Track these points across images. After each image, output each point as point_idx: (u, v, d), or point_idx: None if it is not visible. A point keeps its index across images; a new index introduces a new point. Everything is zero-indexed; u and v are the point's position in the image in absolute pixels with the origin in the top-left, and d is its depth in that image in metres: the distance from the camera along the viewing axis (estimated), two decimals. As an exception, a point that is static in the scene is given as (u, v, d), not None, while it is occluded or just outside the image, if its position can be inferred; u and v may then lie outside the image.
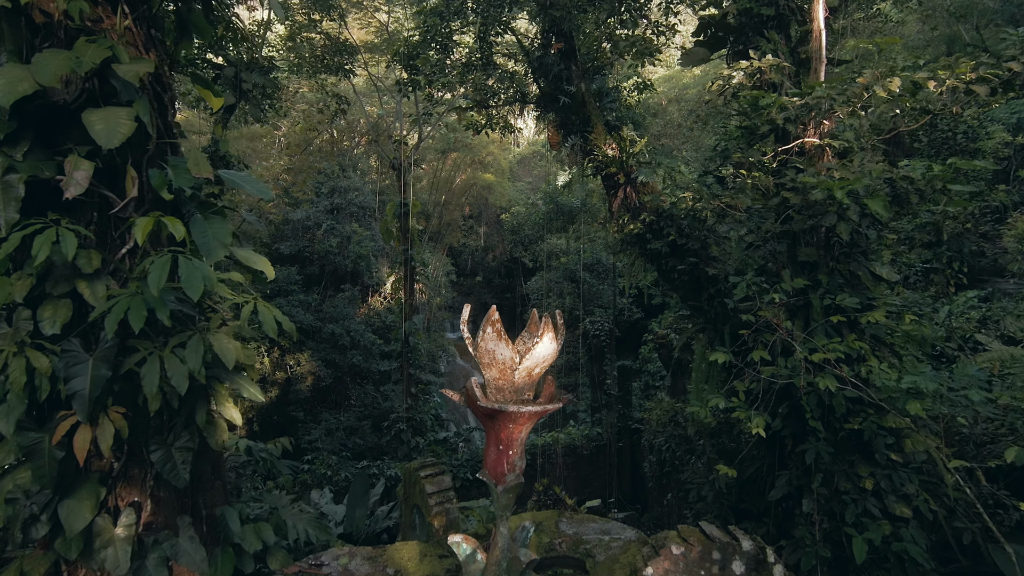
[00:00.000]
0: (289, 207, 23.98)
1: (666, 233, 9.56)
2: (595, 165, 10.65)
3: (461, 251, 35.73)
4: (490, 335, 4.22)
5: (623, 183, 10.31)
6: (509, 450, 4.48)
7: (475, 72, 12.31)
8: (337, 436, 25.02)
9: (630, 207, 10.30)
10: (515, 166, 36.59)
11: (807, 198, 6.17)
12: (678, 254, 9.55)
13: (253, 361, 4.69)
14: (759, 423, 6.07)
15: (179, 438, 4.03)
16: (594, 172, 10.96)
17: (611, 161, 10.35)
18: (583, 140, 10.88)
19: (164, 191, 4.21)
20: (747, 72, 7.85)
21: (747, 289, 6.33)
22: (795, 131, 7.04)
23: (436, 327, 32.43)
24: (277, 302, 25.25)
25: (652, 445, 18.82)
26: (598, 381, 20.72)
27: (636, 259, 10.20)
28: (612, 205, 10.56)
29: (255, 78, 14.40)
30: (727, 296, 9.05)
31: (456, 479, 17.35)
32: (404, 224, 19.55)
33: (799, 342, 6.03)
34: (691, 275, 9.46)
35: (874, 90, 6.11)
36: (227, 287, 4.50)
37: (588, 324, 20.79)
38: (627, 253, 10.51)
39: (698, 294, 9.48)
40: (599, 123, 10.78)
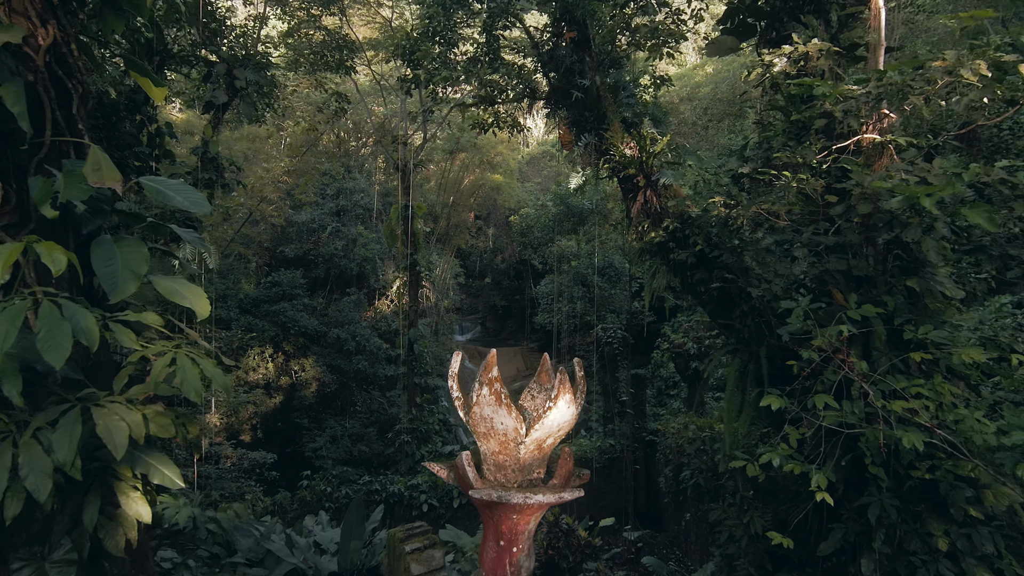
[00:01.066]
0: (292, 210, 22.93)
1: (692, 242, 8.36)
2: (611, 166, 9.46)
3: (470, 253, 34.59)
4: (487, 398, 3.07)
5: (643, 186, 9.12)
6: (513, 547, 3.31)
7: (480, 66, 11.16)
8: (342, 443, 23.97)
9: (651, 212, 9.11)
10: (524, 166, 35.38)
11: (879, 206, 4.96)
12: (706, 266, 8.35)
13: (171, 433, 3.57)
14: (821, 480, 4.89)
15: (57, 547, 2.92)
16: (610, 174, 9.77)
17: (629, 162, 9.16)
18: (598, 139, 9.69)
19: (46, 206, 3.06)
20: (792, 58, 6.64)
21: (803, 319, 5.13)
22: (853, 126, 5.83)
23: (444, 330, 31.34)
24: (281, 306, 24.26)
25: (668, 459, 17.61)
26: (611, 390, 19.52)
27: (657, 270, 9.00)
28: (631, 210, 9.37)
29: (249, 75, 13.32)
30: (762, 315, 7.84)
31: (463, 495, 16.23)
32: (408, 227, 18.43)
33: (870, 383, 4.83)
34: (721, 290, 8.26)
35: (960, 74, 4.91)
36: (130, 333, 3.34)
37: (600, 331, 19.59)
38: (647, 263, 9.32)
39: (728, 311, 8.28)
40: (616, 120, 9.58)
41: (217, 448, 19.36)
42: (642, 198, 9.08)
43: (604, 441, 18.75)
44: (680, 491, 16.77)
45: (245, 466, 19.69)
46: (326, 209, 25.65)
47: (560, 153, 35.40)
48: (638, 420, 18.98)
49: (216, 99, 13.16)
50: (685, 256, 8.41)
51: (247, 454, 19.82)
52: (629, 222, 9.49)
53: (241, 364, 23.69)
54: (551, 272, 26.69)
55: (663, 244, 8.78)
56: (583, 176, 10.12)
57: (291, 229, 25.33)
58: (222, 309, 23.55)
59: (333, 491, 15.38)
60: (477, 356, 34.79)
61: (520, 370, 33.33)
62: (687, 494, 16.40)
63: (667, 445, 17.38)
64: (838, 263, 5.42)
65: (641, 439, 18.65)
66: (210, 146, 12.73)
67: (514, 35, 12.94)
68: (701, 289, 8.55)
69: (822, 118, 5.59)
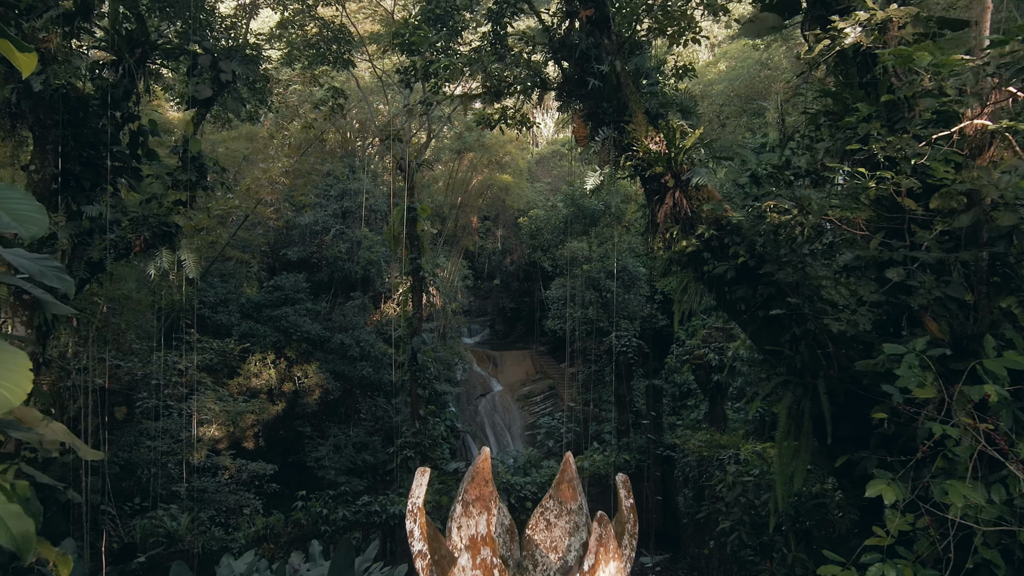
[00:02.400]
0: (292, 213, 21.63)
1: (733, 254, 6.92)
2: (634, 163, 8.03)
3: (478, 254, 33.21)
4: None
5: (672, 187, 7.68)
6: None
7: (485, 54, 9.74)
8: (346, 453, 22.70)
9: (681, 217, 7.67)
10: (533, 166, 33.92)
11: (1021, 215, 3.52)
12: (749, 282, 6.91)
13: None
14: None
15: None
16: (632, 173, 8.34)
17: (656, 158, 7.72)
18: (618, 132, 8.26)
19: None
20: (868, 27, 5.19)
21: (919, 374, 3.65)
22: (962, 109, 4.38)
23: (452, 333, 30.01)
24: (284, 311, 23.03)
25: (687, 477, 16.15)
26: (626, 401, 18.09)
27: (689, 284, 7.57)
28: (657, 215, 7.94)
29: (236, 67, 12.00)
30: (819, 342, 6.39)
31: (468, 516, 14.87)
32: (411, 230, 17.07)
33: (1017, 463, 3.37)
34: (767, 309, 6.81)
35: None
36: None
37: (614, 339, 18.15)
38: (676, 276, 7.89)
39: (776, 335, 6.83)
40: (639, 110, 8.14)
41: (214, 459, 18.10)
42: (671, 200, 7.64)
43: (618, 456, 17.32)
44: (699, 509, 15.32)
45: (244, 478, 18.44)
46: (330, 211, 24.36)
47: (571, 152, 33.89)
48: (654, 433, 17.54)
49: (199, 93, 11.85)
50: (723, 269, 6.97)
51: (246, 465, 18.57)
52: (654, 228, 8.06)
53: (242, 370, 22.48)
54: (561, 274, 25.25)
55: (696, 254, 7.34)
56: (600, 176, 8.67)
57: (294, 231, 24.08)
58: (223, 314, 22.33)
59: (330, 513, 14.07)
60: (486, 359, 33.39)
61: (529, 374, 31.92)
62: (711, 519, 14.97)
63: (687, 463, 15.93)
64: (955, 288, 3.96)
65: (658, 454, 17.21)
66: (191, 144, 11.41)
67: (521, 27, 11.55)
68: (741, 308, 7.10)
69: (928, 97, 4.14)
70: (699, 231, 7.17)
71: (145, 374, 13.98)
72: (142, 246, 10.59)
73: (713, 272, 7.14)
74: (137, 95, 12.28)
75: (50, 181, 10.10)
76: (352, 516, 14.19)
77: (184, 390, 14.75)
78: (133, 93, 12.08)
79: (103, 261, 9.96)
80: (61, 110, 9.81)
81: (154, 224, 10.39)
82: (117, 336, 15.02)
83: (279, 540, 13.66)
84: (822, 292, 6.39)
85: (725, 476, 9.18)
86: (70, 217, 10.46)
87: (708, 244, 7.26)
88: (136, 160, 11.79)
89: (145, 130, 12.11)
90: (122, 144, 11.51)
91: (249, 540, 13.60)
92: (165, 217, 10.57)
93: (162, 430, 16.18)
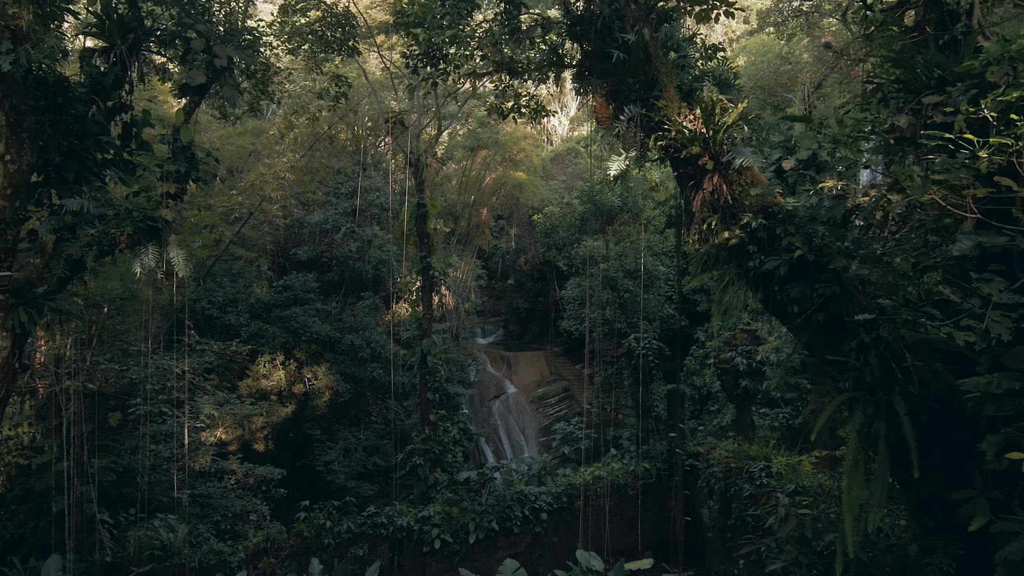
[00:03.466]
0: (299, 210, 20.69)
1: (786, 246, 5.77)
2: (665, 144, 6.90)
3: (492, 254, 32.12)
4: None
5: (710, 170, 6.54)
6: None
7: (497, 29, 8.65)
8: (356, 456, 21.75)
9: (720, 205, 6.53)
10: (548, 164, 32.75)
11: None
12: (805, 279, 5.76)
13: None
14: None
15: None
16: (662, 156, 7.22)
17: (691, 138, 6.59)
18: (646, 109, 7.13)
19: None
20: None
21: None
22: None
23: (466, 334, 28.97)
24: (293, 311, 22.14)
25: (712, 488, 14.95)
26: (645, 407, 16.91)
27: (731, 282, 6.42)
28: (692, 202, 6.80)
29: (231, 52, 11.05)
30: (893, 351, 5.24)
31: (480, 528, 13.82)
32: (421, 228, 16.04)
33: None
34: (828, 312, 5.66)
35: None
36: None
37: (633, 341, 16.98)
38: (713, 273, 6.75)
39: (836, 342, 5.67)
40: (671, 84, 7.01)
41: (220, 464, 17.21)
42: (709, 186, 6.50)
43: (637, 465, 16.15)
44: (726, 526, 14.13)
45: (251, 483, 17.53)
46: (340, 209, 23.42)
47: (587, 150, 32.71)
48: (676, 440, 16.34)
49: (192, 80, 10.91)
50: (774, 265, 5.81)
51: (253, 470, 17.66)
52: (688, 219, 6.92)
53: (251, 372, 21.62)
54: (576, 274, 24.10)
55: (739, 248, 6.19)
56: (626, 160, 7.52)
57: (303, 230, 23.17)
58: (232, 314, 21.49)
59: (334, 525, 13.08)
60: (499, 360, 32.29)
61: (544, 375, 30.77)
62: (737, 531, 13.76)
63: (712, 473, 14.74)
64: None
65: (680, 462, 16.01)
66: (182, 133, 10.47)
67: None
68: (793, 310, 5.94)
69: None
70: (744, 220, 6.03)
71: (141, 377, 13.09)
72: (127, 242, 9.65)
73: (761, 268, 6.00)
74: (131, 84, 11.38)
75: (28, 172, 9.19)
76: (357, 528, 13.19)
77: (179, 395, 13.84)
78: (125, 82, 11.18)
79: (84, 259, 9.03)
80: (37, 94, 8.88)
81: (138, 219, 9.43)
82: (115, 338, 14.16)
83: (280, 554, 12.69)
84: (900, 291, 5.22)
85: (776, 508, 7.95)
86: (53, 211, 9.57)
87: (754, 235, 6.12)
88: (128, 152, 10.89)
89: (138, 121, 11.18)
90: (112, 135, 10.59)
91: (249, 553, 12.66)
92: (152, 211, 9.61)
93: (164, 435, 15.32)
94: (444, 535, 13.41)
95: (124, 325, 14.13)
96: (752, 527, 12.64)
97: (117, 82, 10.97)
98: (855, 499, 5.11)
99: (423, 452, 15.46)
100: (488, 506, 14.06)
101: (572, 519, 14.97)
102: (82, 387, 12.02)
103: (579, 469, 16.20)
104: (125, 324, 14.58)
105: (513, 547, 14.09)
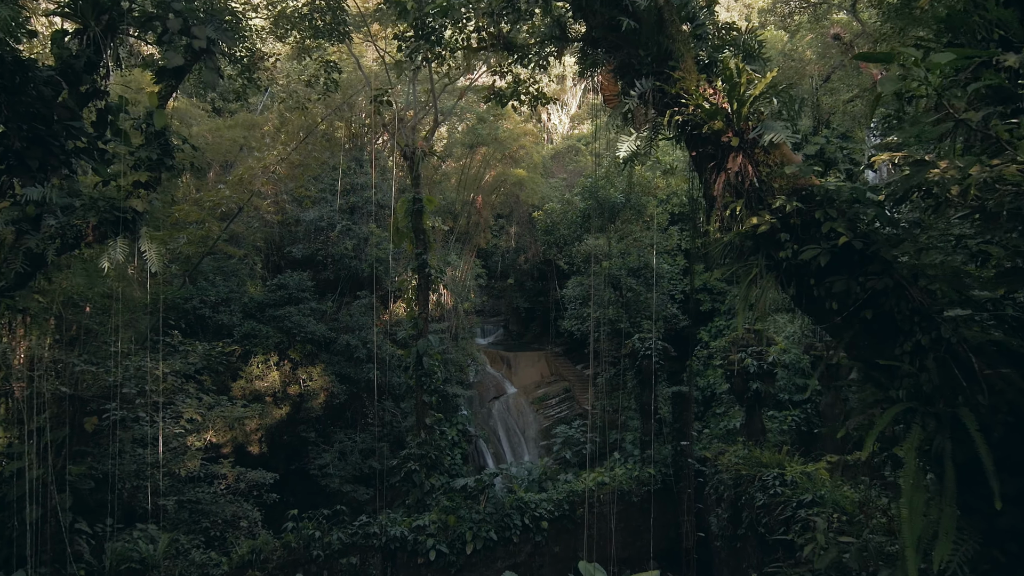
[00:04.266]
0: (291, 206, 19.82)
1: (827, 233, 4.92)
2: (681, 121, 6.03)
3: (491, 253, 31.26)
4: None
5: (734, 148, 5.68)
6: None
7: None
8: (351, 460, 20.87)
9: (745, 188, 5.67)
10: (548, 162, 31.89)
11: None
12: (850, 270, 4.90)
13: None
14: None
15: None
16: (677, 134, 6.35)
17: (712, 112, 5.73)
18: (661, 82, 6.27)
19: None
20: None
21: None
22: None
23: (465, 334, 28.10)
24: (287, 311, 21.29)
25: (720, 496, 14.09)
26: (649, 409, 16.04)
27: (760, 275, 5.56)
28: (712, 186, 5.94)
29: (210, 33, 10.21)
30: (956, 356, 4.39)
31: (477, 538, 12.96)
32: (417, 224, 15.19)
33: None
34: (877, 308, 4.80)
35: None
36: None
37: (637, 341, 16.12)
38: (738, 265, 5.88)
39: (886, 343, 4.82)
40: (688, 54, 6.15)
41: (211, 468, 16.33)
42: (733, 165, 5.63)
43: (642, 470, 15.28)
44: (737, 537, 13.27)
45: (242, 488, 16.66)
46: (336, 206, 22.56)
47: (587, 147, 31.84)
48: (685, 448, 15.46)
49: (169, 61, 10.08)
50: (812, 254, 4.95)
51: (244, 474, 16.79)
52: (709, 204, 6.06)
53: (244, 373, 20.78)
54: (577, 273, 23.25)
55: (769, 235, 5.33)
56: (637, 140, 6.65)
57: (298, 227, 22.31)
58: (224, 314, 20.63)
59: (323, 535, 12.22)
60: (499, 361, 31.41)
61: (544, 376, 29.92)
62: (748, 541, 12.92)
63: (720, 479, 13.88)
64: None
65: (689, 469, 15.14)
66: (156, 117, 9.62)
67: None
68: (831, 307, 5.08)
69: None
70: (776, 203, 5.16)
71: (117, 380, 12.23)
72: (95, 235, 8.79)
73: (795, 259, 5.14)
74: (106, 68, 10.55)
75: (-16, 159, 8.36)
76: (348, 539, 12.34)
77: (157, 399, 12.97)
78: (100, 65, 10.35)
79: (45, 253, 8.19)
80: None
81: (104, 209, 8.58)
82: (94, 338, 13.29)
83: (266, 567, 11.83)
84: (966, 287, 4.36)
85: (813, 536, 7.06)
86: (15, 202, 8.73)
87: (786, 221, 5.26)
88: (102, 140, 10.04)
89: (113, 107, 10.35)
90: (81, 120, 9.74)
91: (233, 566, 11.80)
92: (121, 201, 8.76)
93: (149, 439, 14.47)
94: (440, 545, 12.55)
95: (105, 326, 13.26)
96: (765, 539, 11.79)
97: (90, 65, 10.13)
98: (916, 529, 4.25)
99: (419, 457, 14.60)
100: (486, 514, 13.19)
101: (574, 527, 14.10)
102: (56, 390, 11.16)
103: (581, 474, 15.33)
104: (107, 324, 13.72)
105: (512, 557, 13.22)
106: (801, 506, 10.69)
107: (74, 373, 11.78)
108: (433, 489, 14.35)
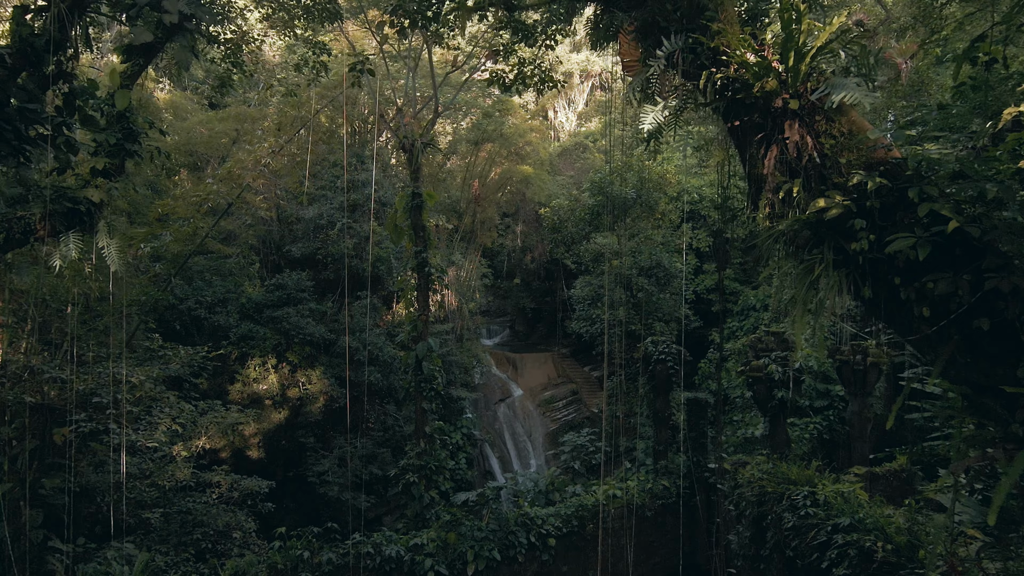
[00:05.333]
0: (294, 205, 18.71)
1: (925, 216, 3.69)
2: (722, 84, 4.80)
3: (497, 252, 30.08)
4: None
5: (791, 113, 4.45)
6: None
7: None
8: (351, 466, 19.77)
9: (802, 166, 4.45)
10: (555, 159, 30.67)
11: None
12: (954, 266, 3.67)
13: None
14: None
15: None
16: (714, 101, 5.12)
17: (763, 70, 4.50)
18: (694, 41, 5.04)
19: None
20: None
21: None
22: None
23: (470, 335, 26.96)
24: (285, 312, 20.20)
25: (741, 511, 12.84)
26: (663, 417, 14.80)
27: (822, 273, 4.32)
28: (760, 163, 4.70)
29: (183, 7, 9.10)
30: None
31: (479, 558, 11.77)
32: (417, 220, 14.02)
33: None
34: (995, 317, 3.56)
35: None
36: None
37: (650, 345, 14.88)
38: (792, 260, 4.65)
39: (996, 362, 3.59)
40: (728, 3, 4.94)
41: (203, 476, 15.21)
42: (792, 136, 4.40)
43: (656, 482, 14.04)
44: (762, 558, 12.02)
45: (236, 497, 15.53)
46: (336, 204, 21.45)
47: (595, 144, 30.57)
48: (697, 454, 14.23)
49: (137, 38, 8.96)
50: (906, 244, 3.72)
51: (238, 482, 15.66)
52: (756, 185, 4.82)
53: (240, 376, 19.72)
54: (585, 272, 22.02)
55: (839, 222, 4.10)
56: (664, 109, 5.39)
57: (297, 226, 21.22)
58: (220, 315, 19.58)
59: (312, 555, 11.08)
60: (505, 362, 30.23)
61: (551, 377, 28.70)
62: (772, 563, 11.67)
63: (741, 494, 12.64)
64: None
65: (702, 480, 13.90)
66: (118, 98, 8.49)
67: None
68: (923, 313, 3.83)
69: None
70: (854, 180, 3.93)
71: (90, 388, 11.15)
72: (46, 230, 7.67)
73: (878, 251, 3.91)
74: (75, 48, 9.43)
75: (-79, 144, 7.26)
76: (340, 559, 11.18)
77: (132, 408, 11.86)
78: (68, 45, 9.23)
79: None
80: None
81: (54, 199, 7.46)
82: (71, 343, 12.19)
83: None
84: None
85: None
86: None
87: (862, 204, 4.02)
88: (67, 127, 8.94)
89: (78, 91, 9.23)
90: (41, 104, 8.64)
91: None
92: (75, 192, 7.64)
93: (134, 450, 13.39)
94: (438, 566, 11.37)
95: (82, 329, 12.19)
96: (794, 563, 10.55)
97: (54, 45, 9.05)
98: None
99: (417, 468, 13.43)
100: (489, 531, 12.00)
101: (584, 545, 12.88)
102: (19, 398, 10.09)
103: (590, 486, 14.11)
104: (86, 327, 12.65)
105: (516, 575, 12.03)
106: (837, 530, 9.44)
107: (42, 380, 10.71)
108: (433, 502, 13.18)
